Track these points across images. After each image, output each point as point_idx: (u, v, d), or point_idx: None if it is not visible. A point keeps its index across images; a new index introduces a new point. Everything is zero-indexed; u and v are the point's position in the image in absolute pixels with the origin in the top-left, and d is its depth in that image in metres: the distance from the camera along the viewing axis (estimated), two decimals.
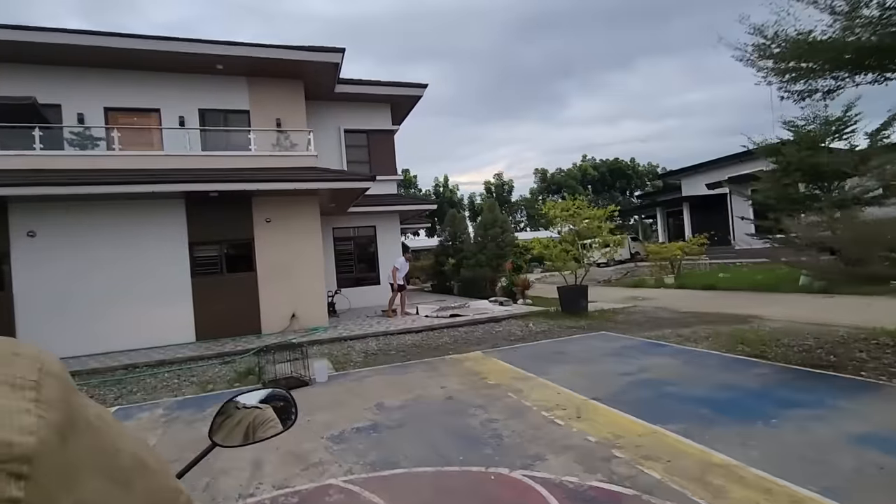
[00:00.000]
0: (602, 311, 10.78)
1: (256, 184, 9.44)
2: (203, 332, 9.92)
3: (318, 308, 10.76)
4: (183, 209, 9.92)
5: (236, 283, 10.17)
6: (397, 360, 7.25)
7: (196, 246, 10.05)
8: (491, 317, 10.51)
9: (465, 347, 7.91)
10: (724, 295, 12.63)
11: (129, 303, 9.49)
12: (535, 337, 8.40)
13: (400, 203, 15.27)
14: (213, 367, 7.83)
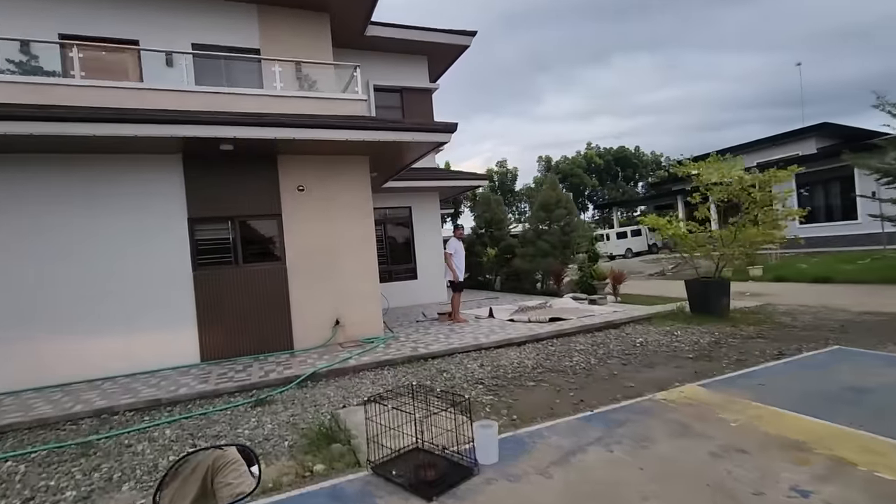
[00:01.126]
0: (743, 311, 8.18)
1: (292, 130, 6.39)
2: (211, 350, 6.85)
3: (370, 312, 7.79)
4: (180, 171, 6.80)
5: (257, 279, 7.12)
6: (564, 404, 4.41)
7: (199, 224, 6.95)
8: (605, 321, 7.77)
9: (638, 373, 5.15)
10: (858, 289, 10.21)
11: (101, 308, 6.35)
12: (719, 352, 5.70)
13: (442, 177, 12.34)
14: (242, 413, 4.84)
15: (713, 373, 4.96)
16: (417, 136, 7.04)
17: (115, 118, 5.68)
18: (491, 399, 4.67)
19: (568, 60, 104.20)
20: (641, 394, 4.45)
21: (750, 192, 7.07)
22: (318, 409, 4.74)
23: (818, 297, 9.44)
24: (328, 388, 5.47)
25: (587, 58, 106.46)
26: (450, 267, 8.80)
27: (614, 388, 4.72)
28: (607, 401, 4.38)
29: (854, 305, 8.16)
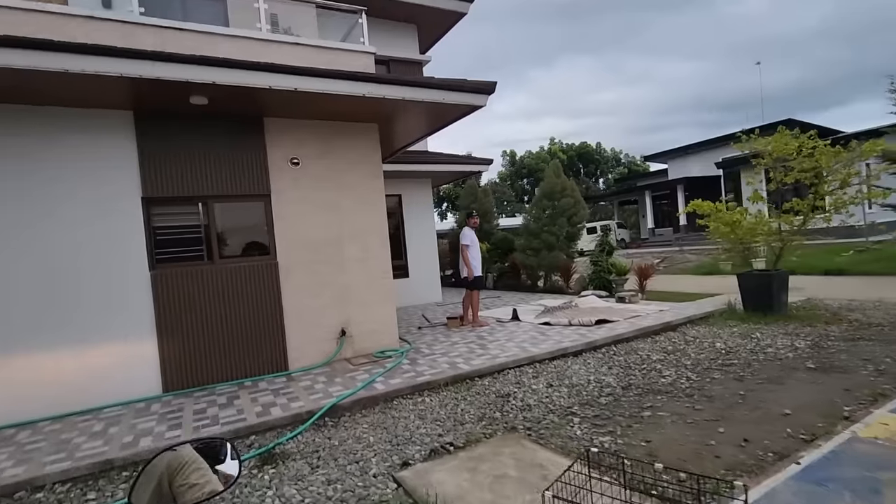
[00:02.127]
0: (796, 307, 7.32)
1: (295, 77, 4.72)
2: (178, 376, 5.07)
3: (384, 318, 6.23)
4: (130, 133, 4.96)
5: (239, 279, 5.40)
6: (724, 445, 3.13)
7: (158, 207, 5.14)
8: (662, 322, 6.63)
9: (771, 393, 3.97)
10: (879, 281, 9.75)
11: (10, 322, 4.44)
12: (840, 360, 4.66)
13: (437, 161, 10.85)
14: (245, 479, 3.21)
15: (874, 391, 3.86)
16: (448, 96, 5.55)
17: (40, 44, 3.82)
18: (609, 441, 3.32)
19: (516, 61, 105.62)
20: (817, 427, 3.25)
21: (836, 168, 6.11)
22: (364, 469, 3.20)
23: (852, 290, 8.81)
24: (360, 428, 3.93)
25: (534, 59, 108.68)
26: (465, 261, 7.40)
27: (768, 419, 3.50)
28: (780, 439, 3.15)
29: None
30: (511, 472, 2.90)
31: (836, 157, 6.10)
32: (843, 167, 6.14)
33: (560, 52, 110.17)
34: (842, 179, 6.17)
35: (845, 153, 6.07)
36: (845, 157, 6.09)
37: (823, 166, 6.13)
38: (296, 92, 4.81)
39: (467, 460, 3.12)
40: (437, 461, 3.17)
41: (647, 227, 31.71)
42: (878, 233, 16.51)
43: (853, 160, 6.11)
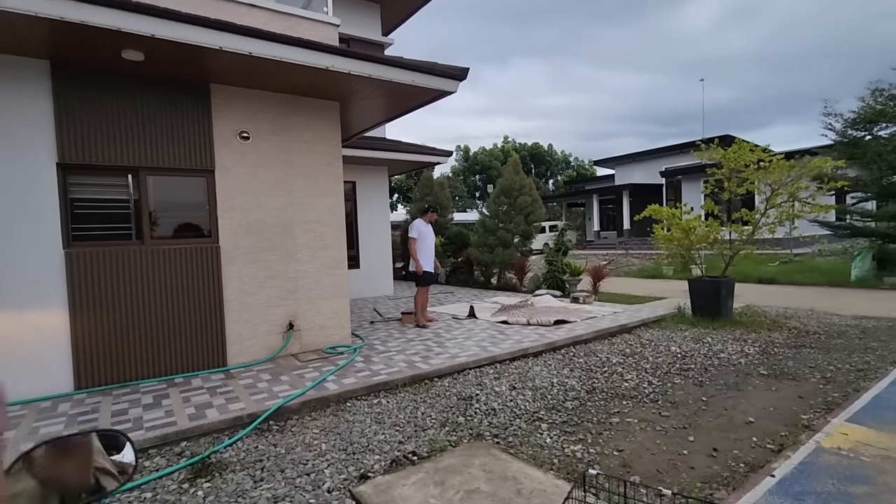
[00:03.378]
0: (747, 314, 7.62)
1: (251, 40, 4.20)
2: (95, 371, 4.42)
3: (336, 312, 5.80)
4: (46, 86, 4.22)
5: (174, 263, 4.80)
6: (696, 456, 3.04)
7: (78, 175, 4.44)
8: (618, 325, 6.65)
9: (731, 399, 3.98)
10: (807, 291, 10.45)
11: None
12: (789, 367, 4.81)
13: (394, 149, 10.43)
14: (176, 495, 2.77)
15: (825, 399, 3.96)
16: (418, 78, 5.21)
17: None
18: (581, 450, 3.15)
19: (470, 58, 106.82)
20: (780, 436, 3.25)
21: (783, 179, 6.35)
22: (316, 483, 2.84)
23: (784, 298, 9.35)
24: (310, 434, 3.54)
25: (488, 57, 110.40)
26: (412, 255, 7.04)
27: (734, 426, 3.48)
28: (749, 449, 3.11)
29: (835, 308, 8.02)
30: (483, 487, 2.65)
31: (789, 170, 6.36)
32: (791, 183, 6.40)
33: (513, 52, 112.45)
34: (790, 193, 6.44)
35: (796, 168, 6.34)
36: (796, 172, 6.36)
37: (776, 180, 6.37)
38: (251, 57, 4.29)
39: (434, 472, 2.84)
40: (401, 473, 2.86)
41: (593, 229, 32.73)
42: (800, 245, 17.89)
43: (801, 175, 6.39)
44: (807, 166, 6.34)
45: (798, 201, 6.45)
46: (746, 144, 6.69)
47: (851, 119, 10.86)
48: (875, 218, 11.01)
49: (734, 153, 6.63)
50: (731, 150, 6.71)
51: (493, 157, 41.77)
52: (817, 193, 6.76)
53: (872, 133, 10.71)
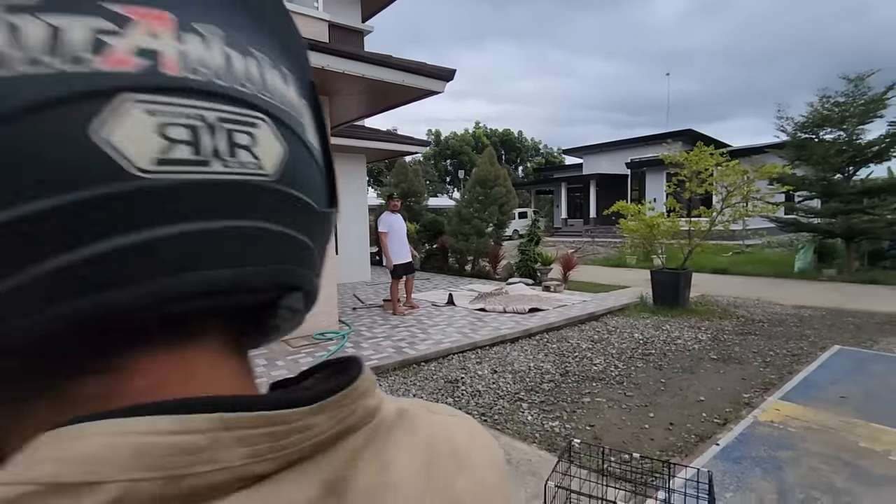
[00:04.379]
0: (701, 303, 8.33)
1: None
2: None
3: (324, 298, 6.06)
4: None
5: None
6: (657, 429, 3.55)
7: None
8: (587, 313, 7.20)
9: (685, 381, 4.55)
10: (756, 281, 11.39)
11: None
12: (735, 352, 5.44)
13: (371, 138, 10.59)
14: None
15: (764, 380, 4.57)
16: (409, 79, 5.46)
17: None
18: (559, 425, 3.61)
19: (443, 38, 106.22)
20: (725, 412, 3.81)
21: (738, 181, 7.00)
22: None
23: (735, 288, 10.17)
24: None
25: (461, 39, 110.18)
26: (384, 250, 7.16)
27: (687, 404, 4.02)
28: (699, 423, 3.65)
29: (779, 298, 8.83)
30: None
31: (743, 174, 6.99)
32: (744, 185, 7.06)
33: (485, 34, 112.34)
34: (743, 195, 7.09)
35: (749, 172, 6.98)
36: (749, 176, 7.00)
37: (731, 182, 7.00)
38: None
39: None
40: None
41: (560, 216, 33.66)
42: (750, 237, 19.15)
43: (754, 179, 7.04)
44: (759, 171, 6.99)
45: (750, 202, 7.11)
46: (707, 149, 7.29)
47: (801, 123, 11.73)
48: (818, 215, 12.01)
49: (696, 156, 7.22)
50: (692, 153, 7.29)
51: (465, 143, 42.03)
52: (768, 195, 7.45)
53: (818, 136, 11.62)
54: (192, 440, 0.19)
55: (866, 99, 10.57)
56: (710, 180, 7.17)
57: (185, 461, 0.18)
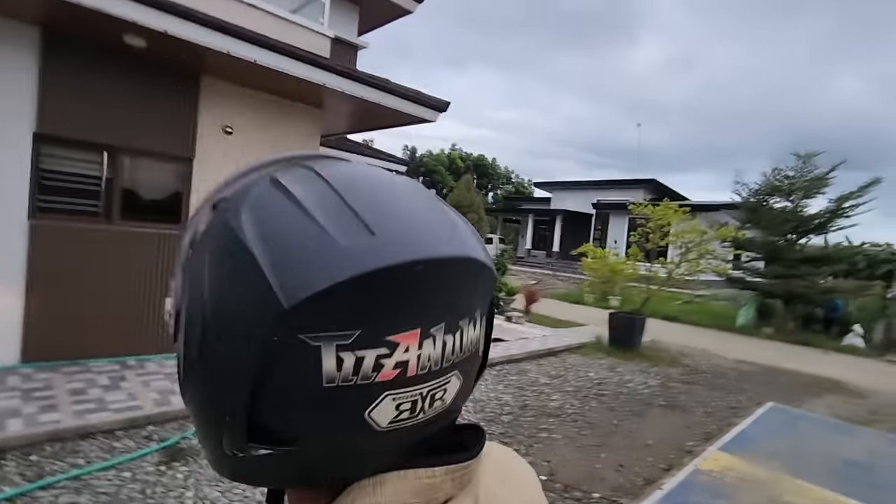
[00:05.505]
0: (652, 348, 8.76)
1: (255, 48, 4.38)
2: (42, 344, 4.35)
3: None
4: (33, 52, 4.14)
5: (140, 244, 4.81)
6: (606, 469, 3.73)
7: (51, 147, 4.36)
8: (546, 348, 7.44)
9: (634, 424, 4.80)
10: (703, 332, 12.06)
11: None
12: (680, 401, 5.78)
13: (357, 152, 10.66)
14: (151, 481, 2.99)
15: (705, 430, 4.89)
16: (405, 105, 5.63)
17: None
18: None
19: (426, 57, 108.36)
20: (670, 458, 4.07)
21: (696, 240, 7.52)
22: None
23: (684, 336, 10.72)
24: None
25: (444, 60, 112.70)
26: None
27: (636, 447, 4.25)
28: (645, 467, 3.88)
29: (722, 351, 9.38)
30: None
31: (701, 234, 7.53)
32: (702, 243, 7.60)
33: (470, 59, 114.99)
34: (700, 252, 7.62)
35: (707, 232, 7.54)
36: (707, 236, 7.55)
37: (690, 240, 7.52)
38: (254, 63, 4.49)
39: None
40: None
41: (525, 246, 34.41)
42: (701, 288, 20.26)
43: (711, 239, 7.59)
44: (717, 232, 7.55)
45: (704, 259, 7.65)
46: (672, 205, 7.81)
47: (754, 189, 12.69)
48: (762, 275, 12.91)
49: (661, 211, 7.72)
50: (659, 208, 7.80)
51: (439, 163, 42.52)
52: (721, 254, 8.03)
53: (768, 203, 12.59)
54: (436, 482, 0.37)
55: (812, 176, 11.60)
56: (673, 235, 7.67)
57: (433, 491, 0.36)
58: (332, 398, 0.32)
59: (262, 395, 0.33)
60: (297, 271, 0.31)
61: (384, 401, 0.33)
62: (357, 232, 0.33)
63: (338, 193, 0.35)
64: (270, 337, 0.31)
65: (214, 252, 0.35)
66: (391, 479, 0.36)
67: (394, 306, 0.33)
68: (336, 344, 0.31)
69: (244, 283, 0.32)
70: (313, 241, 0.32)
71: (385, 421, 0.34)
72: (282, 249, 0.32)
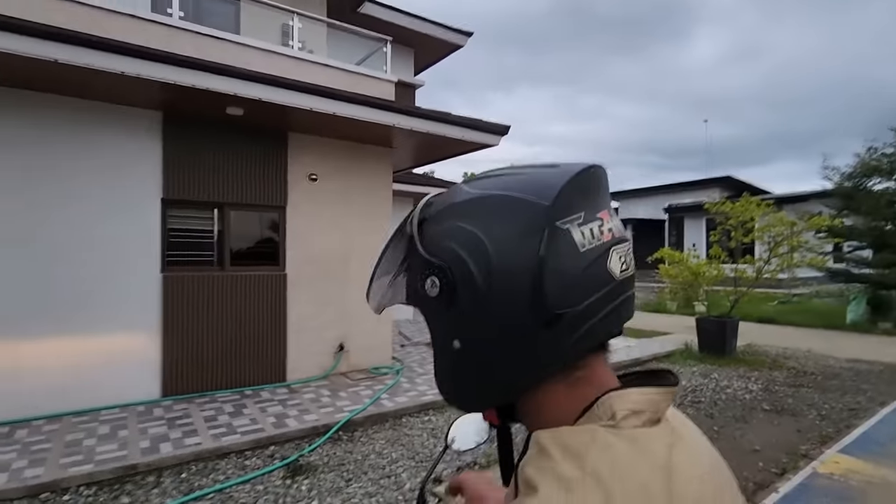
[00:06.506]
0: (749, 353, 8.22)
1: (335, 103, 4.93)
2: (178, 381, 5.01)
3: (380, 335, 6.42)
4: (157, 133, 4.94)
5: (248, 288, 5.44)
6: None
7: (175, 209, 5.12)
8: (632, 358, 7.26)
9: (739, 430, 4.58)
10: (805, 332, 11.06)
11: (17, 311, 4.29)
12: (789, 404, 5.40)
13: (420, 183, 11.19)
14: (281, 491, 3.35)
15: (821, 433, 4.56)
16: (467, 134, 5.96)
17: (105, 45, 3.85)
18: None
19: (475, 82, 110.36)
20: (782, 462, 3.85)
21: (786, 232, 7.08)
22: (398, 484, 3.43)
23: (783, 338, 9.94)
24: (378, 444, 4.13)
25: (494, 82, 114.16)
26: None
27: (743, 453, 4.07)
28: (756, 472, 3.71)
29: (831, 351, 8.60)
30: None
31: (791, 226, 7.08)
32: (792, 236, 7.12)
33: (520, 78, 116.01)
34: (791, 245, 7.14)
35: (798, 223, 7.07)
36: (797, 227, 7.08)
37: (778, 233, 7.09)
38: (333, 116, 5.03)
39: None
40: None
41: None
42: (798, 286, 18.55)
43: (802, 230, 7.11)
44: (808, 223, 7.05)
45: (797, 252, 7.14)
46: (753, 199, 7.43)
47: (847, 173, 11.66)
48: (870, 265, 11.69)
49: (742, 207, 7.37)
50: (738, 204, 7.44)
51: None
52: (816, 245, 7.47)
53: (866, 187, 11.49)
54: (658, 399, 0.50)
55: None
56: (758, 230, 7.26)
57: (655, 406, 0.49)
58: (586, 259, 0.47)
59: (545, 279, 0.46)
60: (538, 187, 0.49)
61: (612, 255, 0.49)
62: (548, 166, 0.53)
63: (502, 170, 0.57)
64: (542, 228, 0.47)
65: (473, 214, 0.52)
66: (632, 392, 0.49)
67: (593, 193, 0.51)
68: (576, 223, 0.48)
69: (510, 209, 0.49)
70: (528, 177, 0.52)
71: (617, 270, 0.49)
72: (522, 183, 0.51)
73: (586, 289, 0.48)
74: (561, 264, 0.47)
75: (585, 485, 0.42)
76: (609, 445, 0.44)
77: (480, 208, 0.52)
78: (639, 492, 0.42)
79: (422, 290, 0.55)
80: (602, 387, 0.51)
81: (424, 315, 0.58)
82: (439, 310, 0.54)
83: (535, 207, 0.48)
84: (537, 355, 0.49)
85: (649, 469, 0.44)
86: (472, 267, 0.50)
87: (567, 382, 0.51)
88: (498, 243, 0.49)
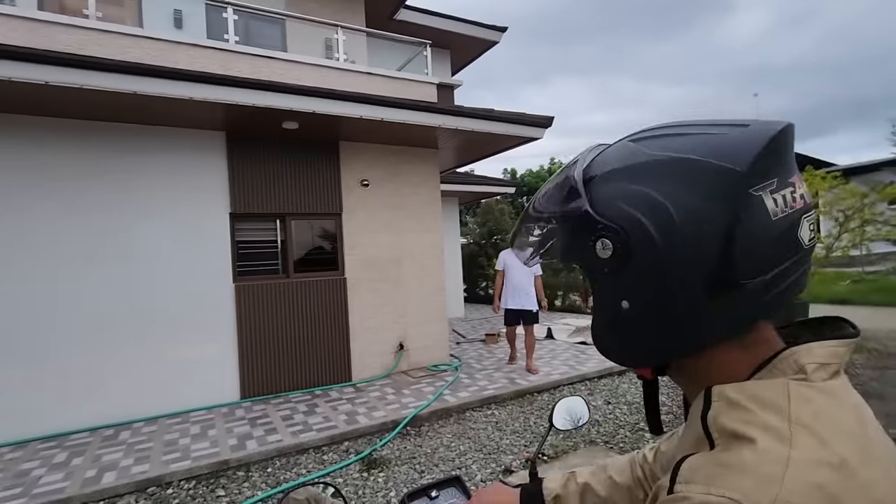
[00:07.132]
0: None
1: (382, 109, 5.11)
2: (254, 384, 5.35)
3: (437, 334, 6.57)
4: (222, 153, 5.29)
5: (310, 293, 5.71)
6: None
7: (241, 222, 5.46)
8: None
9: None
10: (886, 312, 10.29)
11: (101, 328, 4.72)
12: (873, 387, 5.10)
13: (464, 181, 11.26)
14: (359, 482, 3.53)
15: None
16: (510, 129, 5.99)
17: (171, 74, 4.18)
18: None
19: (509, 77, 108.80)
20: None
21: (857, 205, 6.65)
22: (469, 476, 3.53)
23: (861, 319, 9.28)
24: (444, 437, 4.25)
25: (527, 77, 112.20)
26: (497, 290, 6.19)
27: None
28: None
29: None
30: None
31: (862, 197, 6.64)
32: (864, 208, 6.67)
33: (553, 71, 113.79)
34: (863, 219, 6.69)
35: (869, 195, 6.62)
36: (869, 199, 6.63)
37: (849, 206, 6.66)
38: (381, 121, 5.20)
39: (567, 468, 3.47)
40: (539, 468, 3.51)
41: None
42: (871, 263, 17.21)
43: (875, 202, 6.64)
44: (881, 193, 6.59)
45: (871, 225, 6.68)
46: (818, 173, 7.01)
47: None
48: None
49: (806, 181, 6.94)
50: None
51: (540, 179, 42.19)
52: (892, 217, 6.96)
53: None
54: (842, 351, 0.49)
55: None
56: (824, 206, 6.86)
57: (839, 359, 0.48)
58: (778, 228, 0.46)
59: (734, 248, 0.46)
60: (729, 151, 0.47)
61: (802, 224, 0.48)
62: (737, 125, 0.49)
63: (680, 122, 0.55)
64: (734, 197, 0.45)
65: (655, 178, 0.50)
66: (815, 346, 0.48)
67: (786, 156, 0.48)
68: (768, 191, 0.46)
69: (698, 175, 0.47)
70: (716, 139, 0.49)
71: (806, 239, 0.48)
72: (709, 146, 0.48)
73: (775, 258, 0.47)
74: (752, 234, 0.46)
75: (797, 433, 0.43)
76: (808, 398, 0.45)
77: (663, 172, 0.50)
78: (847, 438, 0.44)
79: (591, 250, 0.54)
80: (774, 345, 0.51)
81: (587, 272, 0.58)
82: (610, 270, 0.53)
83: (727, 174, 0.46)
84: (712, 322, 0.49)
85: (848, 418, 0.46)
86: (654, 232, 0.49)
87: (742, 344, 0.51)
88: (684, 211, 0.47)
